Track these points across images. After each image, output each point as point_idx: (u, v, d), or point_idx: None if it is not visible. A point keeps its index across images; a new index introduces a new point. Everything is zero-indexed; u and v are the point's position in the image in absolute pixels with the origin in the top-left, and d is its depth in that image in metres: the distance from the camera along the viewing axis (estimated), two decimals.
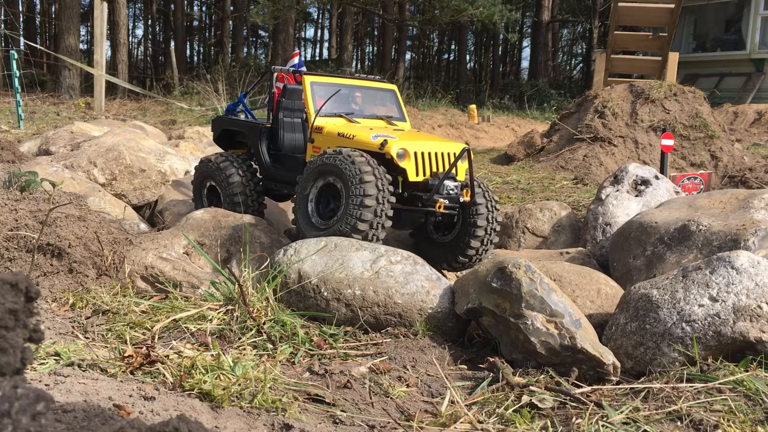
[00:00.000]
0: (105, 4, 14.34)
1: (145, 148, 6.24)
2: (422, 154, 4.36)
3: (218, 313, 3.39)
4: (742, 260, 3.43)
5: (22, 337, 1.05)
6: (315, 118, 4.65)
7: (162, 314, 3.40)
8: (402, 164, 4.31)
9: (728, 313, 3.25)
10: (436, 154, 4.42)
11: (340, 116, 4.77)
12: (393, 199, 4.18)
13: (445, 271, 4.95)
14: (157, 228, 5.36)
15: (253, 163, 5.32)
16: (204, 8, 43.42)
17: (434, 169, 4.43)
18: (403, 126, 5.05)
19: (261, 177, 5.24)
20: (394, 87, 5.27)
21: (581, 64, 35.40)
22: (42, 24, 35.13)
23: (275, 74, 5.47)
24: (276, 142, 5.20)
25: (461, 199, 4.48)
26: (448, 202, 4.38)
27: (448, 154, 4.46)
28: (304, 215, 4.41)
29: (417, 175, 4.38)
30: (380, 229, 4.15)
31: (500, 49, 39.28)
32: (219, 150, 6.13)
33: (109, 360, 2.83)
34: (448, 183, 4.39)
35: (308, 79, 4.80)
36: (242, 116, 5.65)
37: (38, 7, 35.42)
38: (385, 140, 4.29)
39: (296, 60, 6.19)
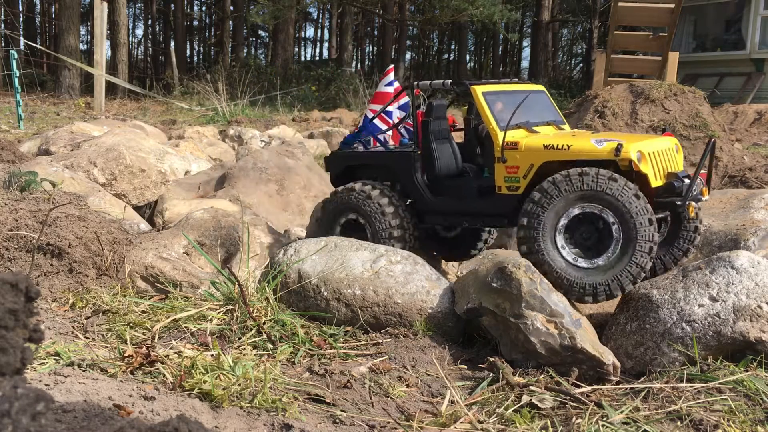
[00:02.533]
0: (105, 4, 14.34)
1: (145, 148, 6.24)
2: (653, 154, 3.77)
3: (218, 313, 3.39)
4: (742, 260, 3.43)
5: (22, 337, 1.05)
6: (504, 133, 3.99)
7: (162, 314, 3.40)
8: (643, 169, 3.71)
9: (728, 313, 3.25)
10: (661, 152, 3.86)
11: (519, 127, 4.12)
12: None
13: (444, 270, 4.95)
14: (157, 228, 5.36)
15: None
16: (204, 8, 43.41)
17: (667, 170, 3.87)
18: (566, 128, 4.52)
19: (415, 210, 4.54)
20: (542, 87, 4.72)
21: (581, 64, 35.40)
22: (42, 24, 35.12)
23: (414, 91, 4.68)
24: (431, 169, 4.47)
25: (703, 198, 3.94)
26: (696, 204, 3.80)
27: (667, 150, 3.93)
28: (548, 245, 3.64)
29: (656, 179, 3.79)
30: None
31: (500, 49, 39.25)
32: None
33: (109, 360, 2.83)
34: (686, 182, 3.81)
35: (479, 90, 4.19)
36: (359, 147, 4.90)
37: (38, 7, 35.42)
38: (620, 145, 3.68)
39: (391, 76, 5.48)
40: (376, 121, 5.05)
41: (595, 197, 3.55)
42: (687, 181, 3.79)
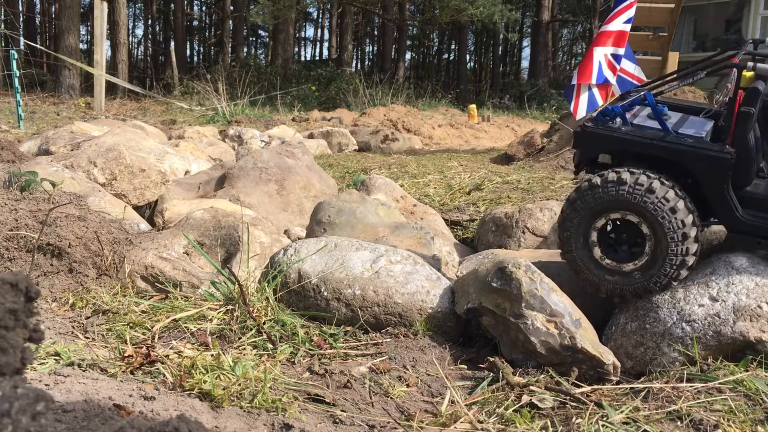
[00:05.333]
0: (105, 4, 14.34)
1: (145, 148, 6.24)
2: None
3: (218, 313, 3.39)
4: (742, 260, 3.43)
5: (22, 337, 1.05)
6: None
7: (162, 314, 3.40)
8: None
9: (728, 313, 3.25)
10: None
11: None
12: None
13: (444, 270, 4.95)
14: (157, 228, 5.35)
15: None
16: (204, 8, 43.41)
17: None
18: None
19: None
20: None
21: None
22: (42, 24, 35.12)
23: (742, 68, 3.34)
24: (746, 178, 3.38)
25: None
26: None
27: None
28: None
29: None
30: None
31: (500, 48, 39.28)
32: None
33: (109, 360, 2.83)
34: None
35: None
36: (618, 126, 3.52)
37: (38, 7, 35.43)
38: None
39: (632, 11, 4.17)
40: (608, 70, 4.02)
41: None
42: None
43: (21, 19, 28.49)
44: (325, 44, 41.17)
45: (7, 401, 0.88)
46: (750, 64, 3.32)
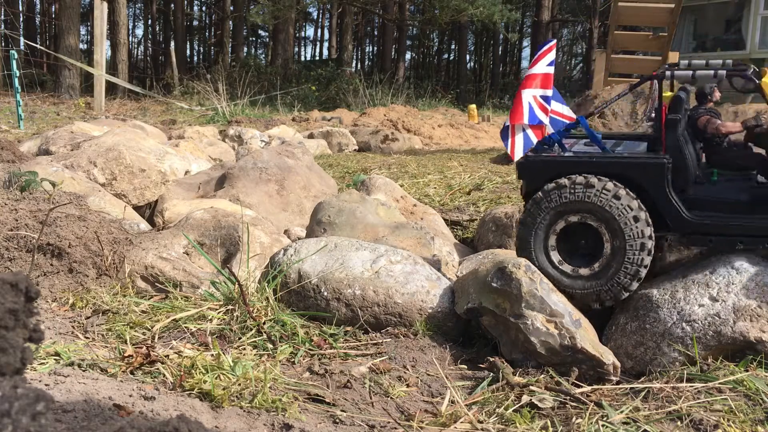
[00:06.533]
0: (105, 4, 14.34)
1: (145, 148, 6.24)
2: None
3: (218, 313, 3.39)
4: (742, 260, 3.43)
5: (22, 337, 1.05)
6: None
7: (162, 314, 3.40)
8: None
9: (728, 313, 3.25)
10: None
11: None
12: None
13: (444, 270, 4.95)
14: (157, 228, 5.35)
15: None
16: (204, 8, 43.43)
17: None
18: None
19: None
20: None
21: (581, 64, 35.41)
22: (42, 24, 35.13)
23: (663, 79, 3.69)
24: (684, 180, 3.57)
25: None
26: None
27: None
28: None
29: None
30: None
31: (500, 48, 39.29)
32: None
33: (109, 360, 2.83)
34: None
35: None
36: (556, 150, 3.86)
37: (38, 7, 35.43)
38: None
39: (553, 54, 4.41)
40: (539, 110, 4.22)
41: None
42: None
43: (21, 19, 28.51)
44: (325, 44, 41.19)
45: (7, 401, 0.88)
46: (668, 73, 3.63)
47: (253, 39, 41.41)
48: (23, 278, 1.08)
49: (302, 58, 41.54)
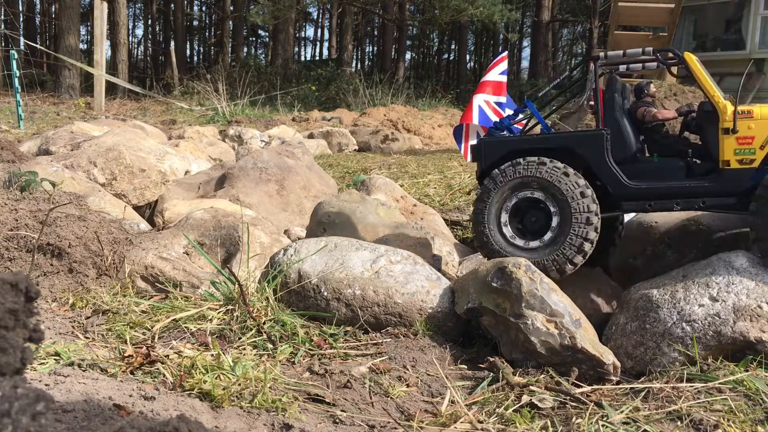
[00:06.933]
0: (105, 4, 14.35)
1: (145, 148, 6.24)
2: None
3: (218, 313, 3.39)
4: (742, 260, 3.43)
5: (22, 337, 1.05)
6: (735, 102, 3.68)
7: (162, 314, 3.40)
8: None
9: (728, 313, 3.25)
10: None
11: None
12: None
13: (444, 270, 4.95)
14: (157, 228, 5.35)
15: None
16: (204, 8, 43.43)
17: None
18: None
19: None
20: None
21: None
22: (42, 24, 35.14)
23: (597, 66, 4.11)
24: (624, 150, 3.98)
25: None
26: None
27: None
28: None
29: None
30: None
31: (500, 49, 39.28)
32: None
33: (109, 360, 2.83)
34: None
35: (694, 57, 3.86)
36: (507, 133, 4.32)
37: (38, 7, 35.44)
38: None
39: (505, 64, 4.94)
40: (491, 113, 4.59)
41: None
42: None
43: (21, 19, 28.51)
44: (325, 44, 41.19)
45: (7, 401, 0.88)
46: (601, 54, 4.09)
47: (253, 39, 41.42)
48: (23, 278, 1.08)
49: (302, 58, 41.55)
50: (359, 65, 39.34)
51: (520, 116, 4.41)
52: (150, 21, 40.19)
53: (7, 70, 13.19)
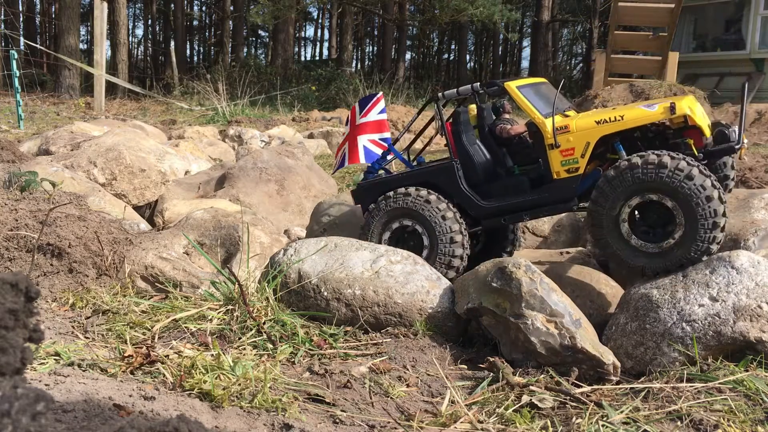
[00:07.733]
0: (105, 4, 14.35)
1: (145, 148, 6.24)
2: (697, 108, 3.88)
3: (218, 313, 3.39)
4: (742, 260, 3.43)
5: (22, 337, 1.05)
6: (552, 120, 4.06)
7: (162, 314, 3.40)
8: (698, 122, 3.79)
9: (728, 313, 3.25)
10: (699, 106, 3.93)
11: (550, 115, 4.19)
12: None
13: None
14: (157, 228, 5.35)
15: None
16: (204, 8, 43.45)
17: (708, 121, 3.94)
18: (572, 114, 4.55)
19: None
20: (545, 79, 4.86)
21: (581, 64, 35.40)
22: (42, 24, 35.15)
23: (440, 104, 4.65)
24: (474, 175, 4.43)
25: (745, 142, 3.96)
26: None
27: (699, 105, 3.99)
28: (617, 238, 3.72)
29: (707, 130, 3.86)
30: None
31: (500, 49, 39.31)
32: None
33: (109, 360, 2.83)
34: (733, 128, 3.88)
35: (514, 85, 4.26)
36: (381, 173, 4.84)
37: (38, 7, 35.45)
38: (673, 104, 3.77)
39: (383, 103, 5.38)
40: (376, 148, 5.04)
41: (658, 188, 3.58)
42: (734, 127, 3.86)
43: (21, 19, 28.51)
44: (325, 44, 41.21)
45: (7, 401, 0.88)
46: (440, 94, 4.64)
47: (253, 39, 41.44)
48: (23, 278, 1.08)
49: (302, 58, 41.56)
50: (359, 65, 39.35)
51: (389, 158, 4.89)
52: (150, 21, 40.20)
53: (7, 70, 13.19)
